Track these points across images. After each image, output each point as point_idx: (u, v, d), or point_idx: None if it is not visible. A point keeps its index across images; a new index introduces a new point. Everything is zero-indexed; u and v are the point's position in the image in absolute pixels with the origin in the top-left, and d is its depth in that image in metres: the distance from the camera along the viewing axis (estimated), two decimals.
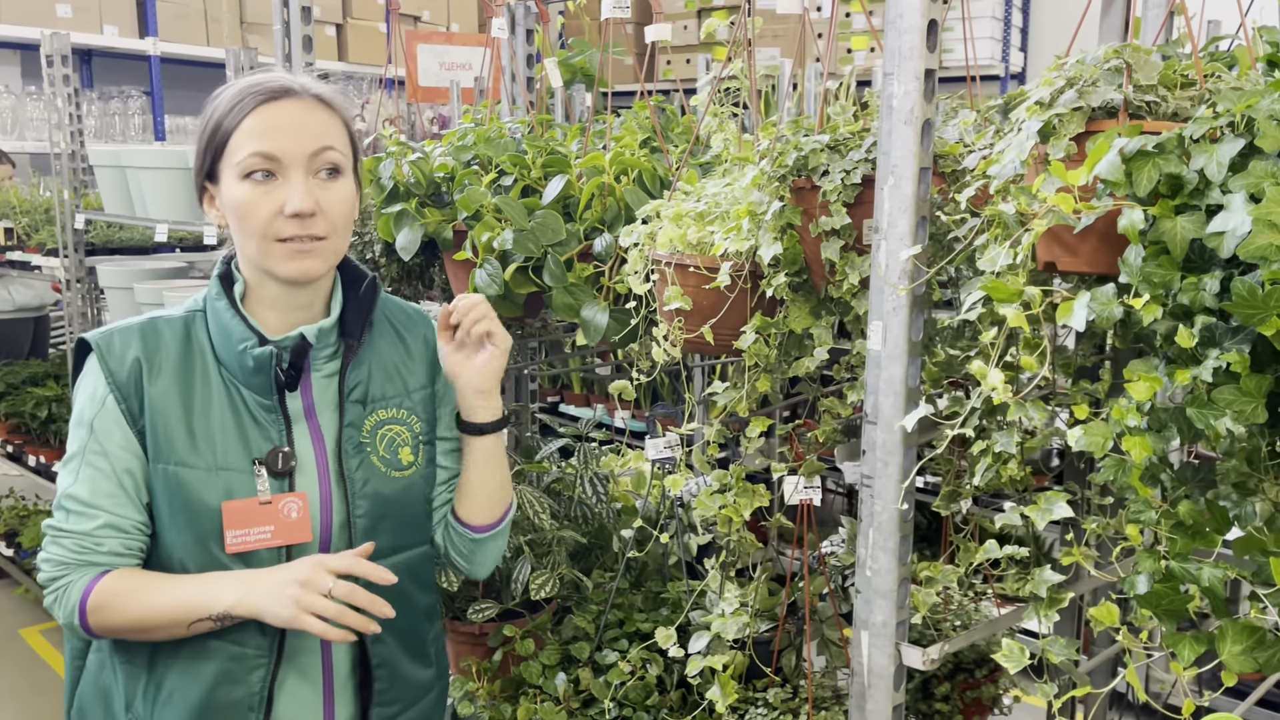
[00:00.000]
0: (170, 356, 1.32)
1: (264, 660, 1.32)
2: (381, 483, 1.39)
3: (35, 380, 4.48)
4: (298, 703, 1.36)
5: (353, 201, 1.36)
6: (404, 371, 1.45)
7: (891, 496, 1.35)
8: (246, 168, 1.28)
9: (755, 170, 1.55)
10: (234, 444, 1.31)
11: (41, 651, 3.95)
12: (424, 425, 1.45)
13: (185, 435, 1.30)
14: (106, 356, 1.31)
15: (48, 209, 4.20)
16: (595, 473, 2.16)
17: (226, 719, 1.32)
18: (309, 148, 1.29)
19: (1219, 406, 1.01)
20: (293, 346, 1.34)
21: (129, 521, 1.31)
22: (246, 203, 1.28)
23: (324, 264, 1.33)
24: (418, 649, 1.46)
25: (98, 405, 1.31)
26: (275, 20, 2.26)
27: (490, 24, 2.34)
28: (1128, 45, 1.23)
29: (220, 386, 1.32)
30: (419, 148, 2.18)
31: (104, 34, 5.97)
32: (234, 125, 1.29)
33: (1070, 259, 1.21)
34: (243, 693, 1.31)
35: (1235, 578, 1.10)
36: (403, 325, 1.49)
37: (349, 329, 1.40)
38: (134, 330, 1.33)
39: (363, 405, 1.40)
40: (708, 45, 6.32)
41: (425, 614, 1.48)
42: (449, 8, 7.65)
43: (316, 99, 1.32)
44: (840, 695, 1.82)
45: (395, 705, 1.43)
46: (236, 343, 1.32)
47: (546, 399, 5.05)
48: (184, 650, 1.31)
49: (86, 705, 1.40)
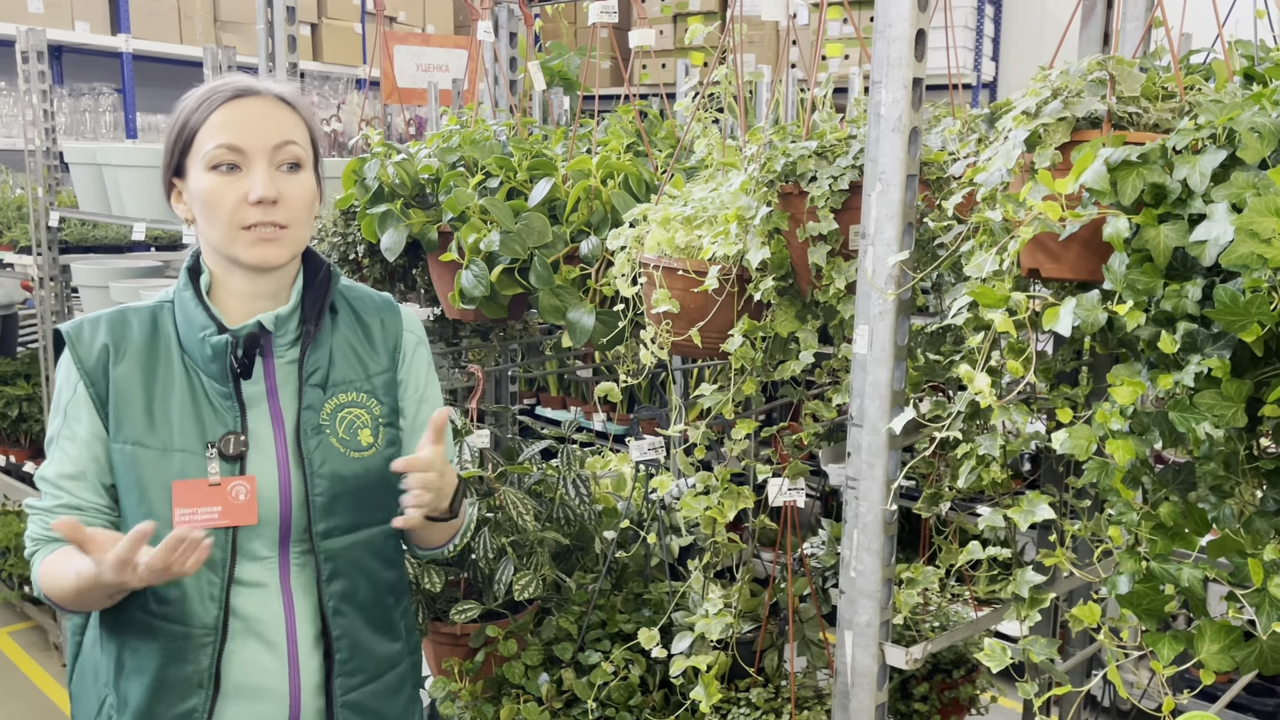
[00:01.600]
0: (135, 343, 1.39)
1: (209, 639, 1.38)
2: (339, 463, 1.44)
3: (5, 379, 4.42)
4: (261, 670, 1.42)
5: (313, 194, 1.42)
6: (364, 356, 1.50)
7: (877, 498, 1.37)
8: (213, 159, 1.35)
9: (743, 175, 1.57)
10: (190, 427, 1.38)
11: (11, 654, 3.90)
12: (384, 408, 1.50)
13: (144, 416, 1.37)
14: (77, 345, 1.38)
15: (19, 206, 4.15)
16: (578, 474, 2.17)
17: (179, 692, 1.39)
18: (271, 141, 1.36)
19: (1200, 411, 1.04)
20: (249, 334, 1.39)
21: (87, 502, 1.38)
22: (213, 191, 1.35)
23: (286, 251, 1.38)
24: (382, 622, 1.51)
25: (70, 391, 1.39)
26: (259, 20, 2.25)
27: (475, 26, 2.35)
28: (1110, 57, 1.26)
29: (182, 372, 1.39)
30: (404, 149, 2.18)
31: (75, 30, 5.90)
32: (201, 121, 1.36)
33: (1054, 266, 1.24)
34: (190, 669, 1.38)
35: (1211, 579, 1.13)
36: (365, 311, 1.53)
37: (307, 315, 1.46)
38: (103, 320, 1.41)
39: (322, 389, 1.45)
40: (684, 50, 6.35)
41: (390, 589, 1.53)
42: (425, 9, 7.63)
43: (279, 99, 1.40)
44: (822, 695, 1.84)
45: (358, 676, 1.48)
46: (198, 330, 1.39)
47: (523, 401, 5.05)
48: (133, 627, 1.39)
49: (82, 679, 1.48)
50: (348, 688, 1.47)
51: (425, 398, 1.56)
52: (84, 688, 1.47)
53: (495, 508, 2.08)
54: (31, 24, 4.67)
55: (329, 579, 1.43)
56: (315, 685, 1.46)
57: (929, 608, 2.02)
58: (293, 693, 1.44)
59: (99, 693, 1.44)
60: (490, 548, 2.02)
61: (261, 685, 1.42)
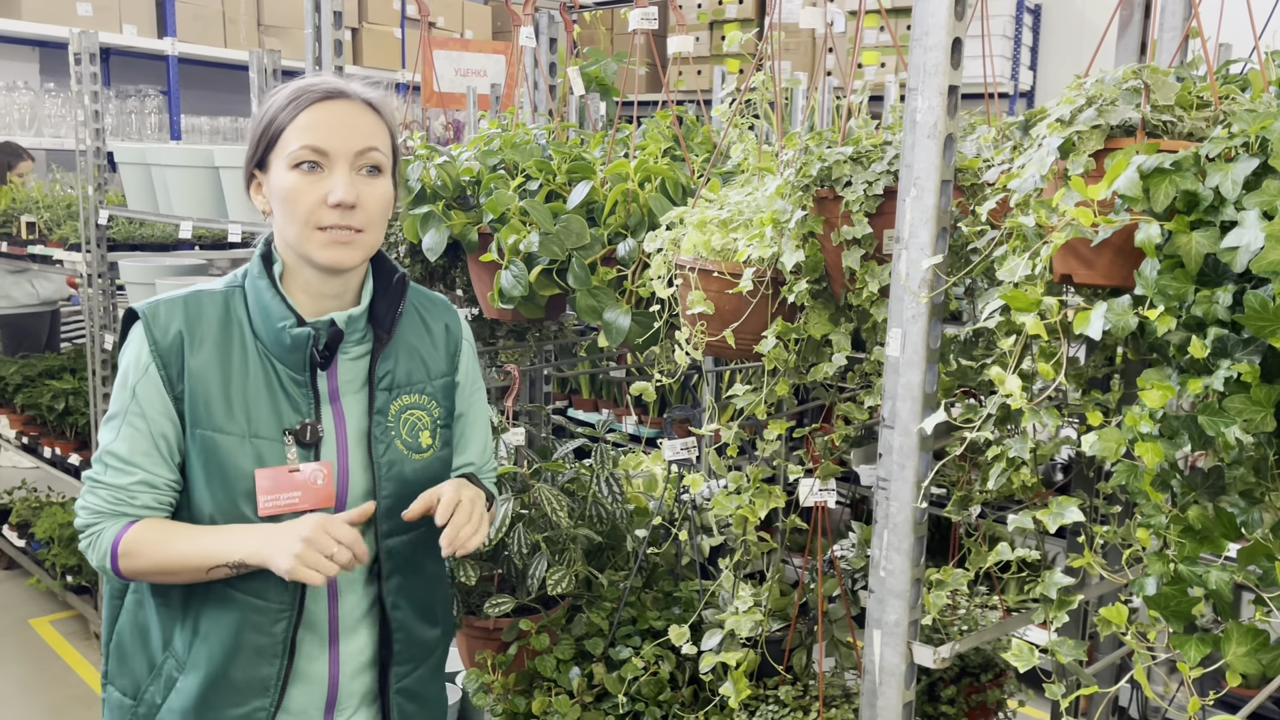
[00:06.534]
0: (211, 329, 1.41)
1: (286, 613, 1.43)
2: (404, 465, 1.48)
3: (51, 373, 4.53)
4: (306, 655, 1.47)
5: (390, 200, 1.45)
6: (427, 358, 1.54)
7: (907, 498, 1.39)
8: (296, 158, 1.38)
9: (779, 180, 1.60)
10: (266, 414, 1.41)
11: (52, 642, 3.99)
12: (442, 411, 1.55)
13: (222, 404, 1.39)
14: (152, 326, 1.40)
15: (69, 204, 4.25)
16: (611, 473, 2.20)
17: (253, 662, 1.42)
18: (355, 146, 1.39)
19: (1229, 415, 1.05)
20: (332, 329, 1.43)
21: (161, 479, 1.41)
22: (293, 190, 1.38)
23: (358, 255, 1.42)
24: (428, 611, 1.57)
25: (140, 371, 1.40)
26: (307, 24, 2.31)
27: (516, 32, 2.39)
28: (1145, 66, 1.27)
29: (256, 359, 1.42)
30: (445, 151, 2.23)
31: (123, 33, 6.03)
32: (289, 120, 1.39)
33: (1087, 271, 1.26)
34: (267, 640, 1.42)
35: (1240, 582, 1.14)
36: (428, 312, 1.57)
37: (378, 319, 1.49)
38: (178, 303, 1.42)
39: (389, 391, 1.49)
40: (720, 57, 6.38)
41: (436, 579, 1.59)
42: (463, 15, 7.72)
43: (366, 103, 1.43)
44: (850, 694, 1.85)
45: (409, 664, 1.54)
46: (275, 320, 1.41)
47: (556, 403, 5.09)
48: (212, 597, 1.42)
49: (125, 639, 1.50)
50: (401, 675, 1.53)
51: (474, 398, 1.61)
52: (130, 648, 1.49)
53: (530, 504, 2.11)
54: (81, 27, 4.79)
55: (389, 575, 1.48)
56: (355, 670, 1.51)
57: (958, 611, 2.03)
58: (331, 676, 1.48)
59: (150, 656, 1.47)
60: (524, 543, 2.05)
61: (304, 669, 1.47)
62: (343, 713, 1.51)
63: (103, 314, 3.78)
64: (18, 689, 3.63)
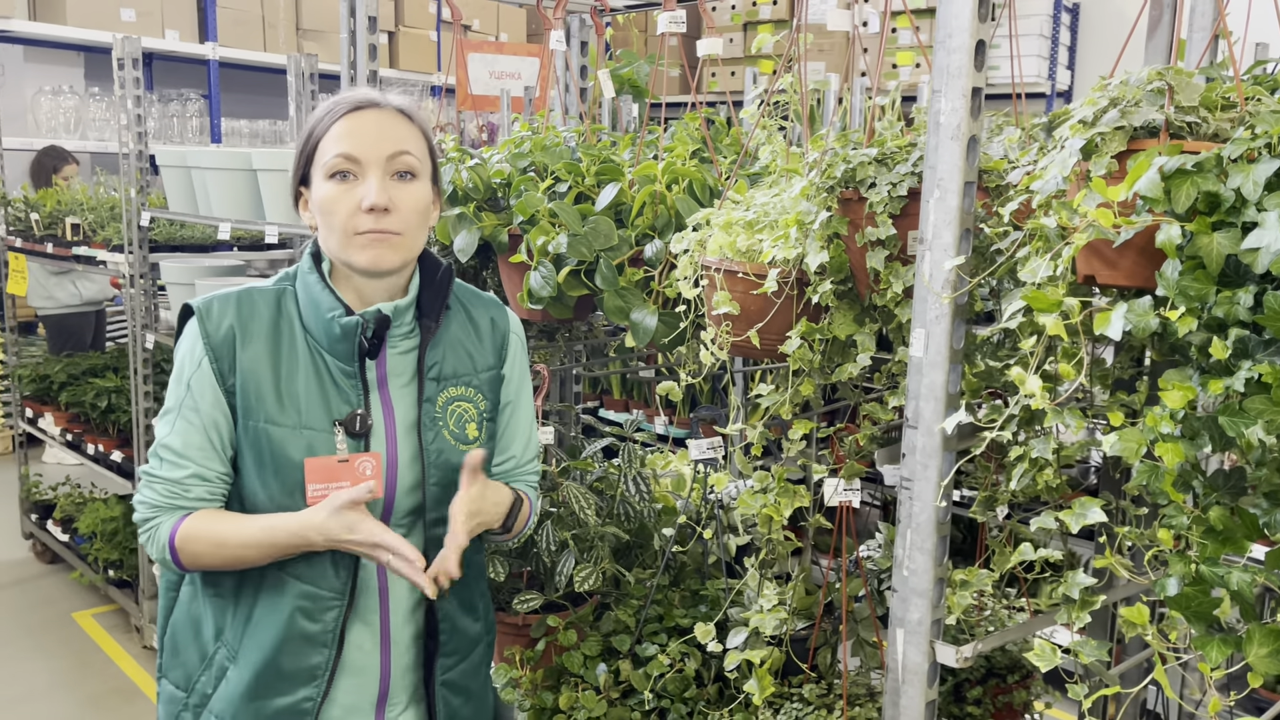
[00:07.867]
0: (262, 324, 1.45)
1: (337, 602, 1.46)
2: (452, 454, 1.51)
3: (95, 371, 4.63)
4: (354, 647, 1.50)
5: (427, 203, 1.48)
6: (474, 352, 1.57)
7: (930, 498, 1.40)
8: (332, 168, 1.42)
9: (804, 181, 1.61)
10: (316, 405, 1.44)
11: (94, 635, 4.08)
12: (488, 404, 1.58)
13: (274, 396, 1.43)
14: (205, 321, 1.44)
15: (113, 206, 4.34)
16: (639, 472, 2.22)
17: (304, 650, 1.45)
18: (386, 150, 1.43)
19: (1250, 416, 1.06)
20: (379, 317, 1.46)
21: (214, 472, 1.44)
22: (330, 199, 1.42)
23: (398, 256, 1.45)
24: (470, 603, 1.60)
25: (195, 365, 1.44)
26: (342, 29, 2.35)
27: (547, 35, 2.42)
28: (1170, 68, 1.27)
29: (306, 353, 1.45)
30: (477, 154, 2.26)
31: (165, 38, 6.15)
32: (324, 132, 1.44)
33: (1109, 272, 1.26)
34: (318, 629, 1.45)
35: (1264, 585, 1.14)
36: (475, 308, 1.61)
37: (426, 310, 1.53)
38: (231, 299, 1.47)
39: (437, 382, 1.53)
40: (753, 59, 6.38)
41: (479, 572, 1.62)
42: (498, 18, 7.79)
43: (397, 110, 1.47)
44: (874, 693, 1.86)
45: (454, 656, 1.57)
46: (325, 312, 1.45)
47: (586, 403, 5.12)
48: (265, 585, 1.45)
49: (179, 631, 1.54)
50: (446, 667, 1.56)
51: (520, 394, 1.64)
52: (183, 640, 1.53)
53: (558, 503, 2.14)
54: (124, 32, 4.89)
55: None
56: (406, 665, 1.54)
57: (984, 612, 2.03)
58: (384, 670, 1.51)
59: (202, 647, 1.50)
60: (553, 540, 2.08)
61: (356, 662, 1.50)
62: (393, 708, 1.54)
63: (144, 314, 3.85)
64: (60, 681, 3.72)
